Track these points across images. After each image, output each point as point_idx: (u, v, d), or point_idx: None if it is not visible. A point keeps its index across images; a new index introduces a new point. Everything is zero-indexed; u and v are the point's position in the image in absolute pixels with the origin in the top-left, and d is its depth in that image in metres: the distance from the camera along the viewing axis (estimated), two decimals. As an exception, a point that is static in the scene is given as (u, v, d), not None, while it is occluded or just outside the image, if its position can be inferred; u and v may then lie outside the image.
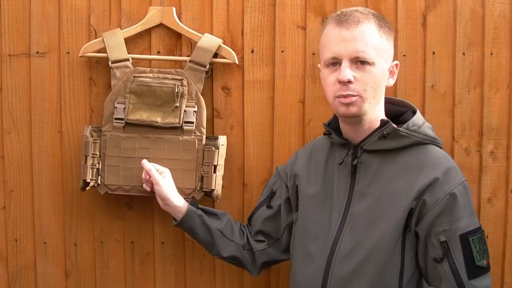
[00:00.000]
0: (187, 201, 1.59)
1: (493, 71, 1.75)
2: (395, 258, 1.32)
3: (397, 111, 1.46)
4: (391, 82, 1.41)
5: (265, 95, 1.73)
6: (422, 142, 1.38)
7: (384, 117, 1.39)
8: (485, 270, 1.31)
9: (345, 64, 1.31)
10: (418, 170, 1.34)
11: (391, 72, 1.40)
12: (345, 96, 1.32)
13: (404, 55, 1.73)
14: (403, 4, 1.72)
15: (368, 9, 1.40)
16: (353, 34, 1.31)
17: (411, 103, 1.49)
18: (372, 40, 1.32)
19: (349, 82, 1.31)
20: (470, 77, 1.75)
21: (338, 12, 1.38)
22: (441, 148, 1.41)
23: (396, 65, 1.42)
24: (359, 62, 1.32)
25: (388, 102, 1.45)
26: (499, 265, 1.79)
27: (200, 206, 1.60)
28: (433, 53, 1.73)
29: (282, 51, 1.72)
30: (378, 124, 1.36)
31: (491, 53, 1.74)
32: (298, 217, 1.51)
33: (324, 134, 1.49)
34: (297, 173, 1.53)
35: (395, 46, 1.71)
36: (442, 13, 1.73)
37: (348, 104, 1.33)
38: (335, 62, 1.34)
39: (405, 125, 1.37)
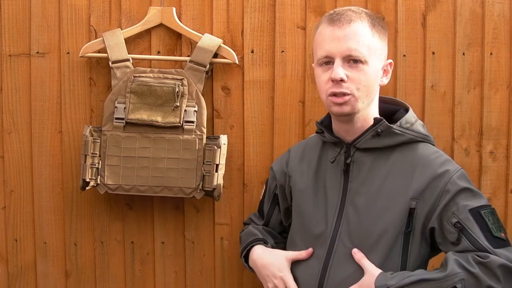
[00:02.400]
0: (260, 242, 1.53)
1: (493, 71, 1.75)
2: (394, 258, 1.32)
3: (389, 110, 1.47)
4: (385, 81, 1.41)
5: (265, 95, 1.73)
6: (415, 139, 1.38)
7: (377, 115, 1.40)
8: (506, 242, 1.29)
9: (338, 62, 1.32)
10: (411, 168, 1.34)
11: (385, 71, 1.40)
12: (338, 95, 1.33)
13: (404, 55, 1.73)
14: (403, 4, 1.72)
15: (361, 8, 1.40)
16: (346, 32, 1.32)
17: (403, 101, 1.49)
18: (365, 38, 1.32)
19: (342, 80, 1.31)
20: (470, 77, 1.75)
21: (331, 12, 1.39)
22: (433, 145, 1.42)
23: (390, 63, 1.41)
24: (352, 60, 1.32)
25: (381, 101, 1.45)
26: (499, 265, 1.79)
27: (260, 237, 1.55)
28: (433, 53, 1.73)
29: (282, 51, 1.72)
30: (371, 122, 1.37)
31: (491, 53, 1.74)
32: (293, 214, 1.51)
33: (316, 132, 1.50)
34: (290, 173, 1.53)
35: (395, 46, 1.72)
36: (442, 13, 1.73)
37: (341, 104, 1.33)
38: (328, 61, 1.34)
39: (398, 123, 1.37)
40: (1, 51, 1.71)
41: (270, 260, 1.44)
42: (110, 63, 1.66)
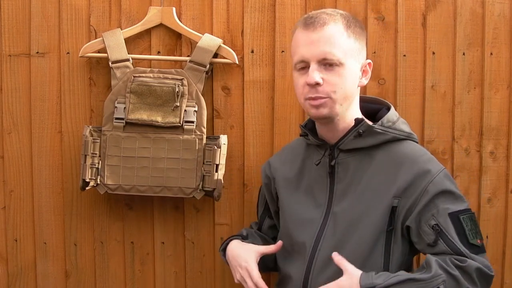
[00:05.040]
0: (238, 237, 1.54)
1: (493, 71, 1.75)
2: (377, 257, 1.32)
3: (372, 109, 1.46)
4: (364, 81, 1.39)
5: (265, 95, 1.73)
6: (398, 138, 1.38)
7: (358, 116, 1.39)
8: (481, 249, 1.30)
9: (313, 66, 1.31)
10: (396, 167, 1.34)
11: (364, 72, 1.39)
12: (314, 98, 1.32)
13: (404, 55, 1.73)
14: (403, 4, 1.72)
15: (337, 10, 1.39)
16: (319, 36, 1.31)
17: (385, 100, 1.49)
18: (339, 40, 1.31)
19: (317, 84, 1.31)
20: (470, 77, 1.75)
21: (306, 15, 1.38)
22: (416, 142, 1.42)
23: (369, 64, 1.40)
24: (327, 64, 1.31)
25: (363, 101, 1.45)
26: (499, 265, 1.79)
27: (241, 234, 1.56)
28: (433, 53, 1.73)
29: (282, 51, 1.72)
30: (353, 123, 1.37)
31: (491, 53, 1.74)
32: (281, 215, 1.51)
33: (300, 135, 1.50)
34: (274, 176, 1.54)
35: (395, 46, 1.72)
36: (442, 13, 1.73)
37: (318, 106, 1.33)
38: (304, 66, 1.34)
39: (379, 122, 1.37)
40: (1, 51, 1.71)
41: (240, 251, 1.45)
42: (110, 63, 1.66)
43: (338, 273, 1.30)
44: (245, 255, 1.43)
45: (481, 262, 1.27)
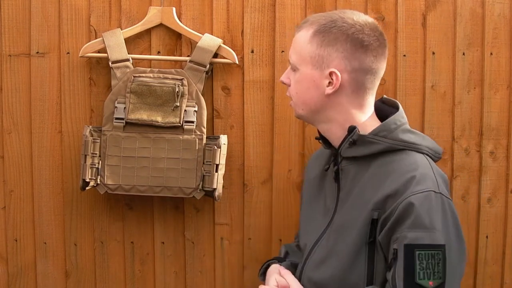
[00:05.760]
0: (275, 262, 1.53)
1: (493, 71, 1.75)
2: (360, 267, 1.27)
3: (390, 112, 1.39)
4: (329, 91, 1.30)
5: (265, 95, 1.73)
6: (395, 147, 1.29)
7: (359, 122, 1.33)
8: None
9: (288, 68, 1.39)
10: (384, 178, 1.26)
11: (333, 79, 1.30)
12: None
13: (404, 55, 1.73)
14: (403, 4, 1.72)
15: (326, 14, 1.34)
16: (293, 40, 1.37)
17: (398, 103, 1.38)
18: (299, 46, 1.33)
19: (284, 84, 1.40)
20: (470, 77, 1.75)
21: None
22: (423, 153, 1.31)
23: (332, 73, 1.29)
24: (291, 67, 1.37)
25: (383, 102, 1.42)
26: (499, 265, 1.79)
27: (279, 257, 1.57)
28: (433, 53, 1.73)
29: (282, 51, 1.72)
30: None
31: (491, 53, 1.74)
32: (300, 215, 1.52)
33: (315, 138, 1.47)
34: (306, 172, 1.55)
35: (395, 46, 1.72)
36: (442, 13, 1.73)
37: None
38: None
39: (372, 131, 1.30)
40: (1, 51, 1.71)
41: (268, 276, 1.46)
42: (110, 63, 1.66)
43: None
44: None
45: None
